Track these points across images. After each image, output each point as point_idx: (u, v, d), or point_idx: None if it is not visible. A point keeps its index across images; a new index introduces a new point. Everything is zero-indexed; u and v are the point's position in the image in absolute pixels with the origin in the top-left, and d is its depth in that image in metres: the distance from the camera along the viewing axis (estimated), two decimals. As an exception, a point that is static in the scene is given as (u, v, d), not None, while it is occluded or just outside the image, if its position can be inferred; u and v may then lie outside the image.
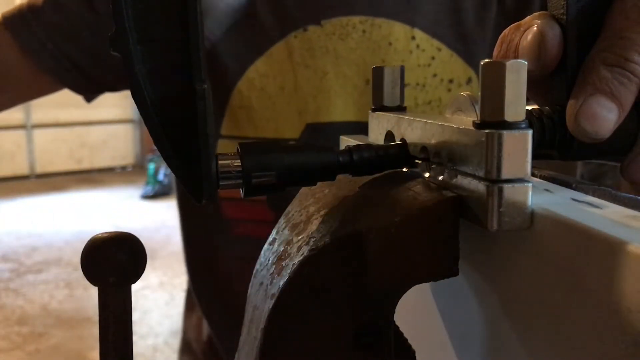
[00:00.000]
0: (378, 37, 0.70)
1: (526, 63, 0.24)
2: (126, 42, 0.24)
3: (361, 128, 0.69)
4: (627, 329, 0.20)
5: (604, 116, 0.29)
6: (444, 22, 0.70)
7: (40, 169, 6.30)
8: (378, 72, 0.37)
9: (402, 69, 0.37)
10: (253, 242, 0.71)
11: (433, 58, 0.70)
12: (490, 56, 0.71)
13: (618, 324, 0.20)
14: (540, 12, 0.32)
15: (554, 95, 0.32)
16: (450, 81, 0.71)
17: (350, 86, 0.70)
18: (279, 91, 0.72)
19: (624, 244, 0.20)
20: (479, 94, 0.25)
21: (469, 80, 0.71)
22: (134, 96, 0.25)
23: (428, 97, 0.71)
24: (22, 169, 6.20)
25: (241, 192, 0.29)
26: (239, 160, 0.28)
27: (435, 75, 0.71)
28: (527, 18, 0.32)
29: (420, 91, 0.70)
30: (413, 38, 0.70)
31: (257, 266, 0.34)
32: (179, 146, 0.26)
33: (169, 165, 0.27)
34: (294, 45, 0.71)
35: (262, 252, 0.34)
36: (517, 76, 0.24)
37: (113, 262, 0.28)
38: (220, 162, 0.28)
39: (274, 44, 0.71)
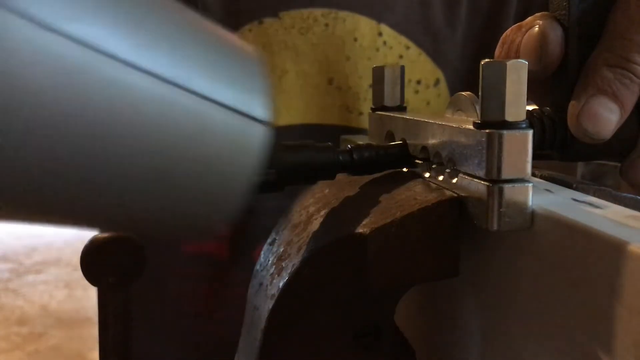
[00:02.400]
0: (342, 32, 0.64)
1: (527, 63, 0.24)
2: None
3: (323, 131, 0.65)
4: (627, 329, 0.20)
5: (606, 117, 0.29)
6: (412, 18, 0.65)
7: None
8: (378, 72, 0.37)
9: (402, 68, 0.37)
10: (204, 260, 0.66)
11: (401, 56, 0.65)
12: (459, 57, 0.70)
13: (618, 324, 0.20)
14: (542, 12, 0.32)
15: (554, 95, 0.32)
16: (418, 82, 0.66)
17: (311, 86, 0.65)
18: None
19: (625, 244, 0.20)
20: (479, 94, 0.25)
21: (437, 82, 0.67)
22: None
23: None
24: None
25: None
26: None
27: None
28: (529, 18, 0.32)
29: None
30: (380, 34, 0.64)
31: (257, 266, 0.34)
32: None
33: None
34: (248, 39, 0.64)
35: (262, 252, 0.34)
36: (517, 76, 0.24)
37: (113, 262, 0.28)
38: None
39: None
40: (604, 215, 0.23)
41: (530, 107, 0.32)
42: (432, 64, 0.66)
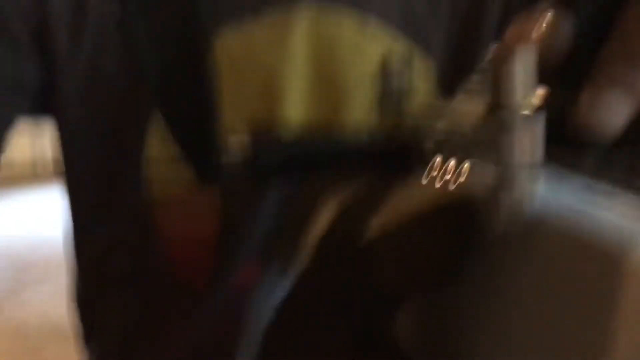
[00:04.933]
0: (325, 26, 0.64)
1: (535, 50, 0.24)
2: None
3: (314, 128, 0.66)
4: (628, 331, 0.20)
5: (617, 109, 0.29)
6: (397, 8, 0.65)
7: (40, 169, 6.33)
8: (383, 72, 0.38)
9: (405, 70, 0.37)
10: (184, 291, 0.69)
11: (387, 48, 0.64)
12: (448, 48, 0.70)
13: (619, 326, 0.20)
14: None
15: (564, 85, 0.32)
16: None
17: (297, 82, 0.65)
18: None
19: (625, 245, 0.20)
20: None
21: (428, 71, 0.65)
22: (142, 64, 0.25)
23: None
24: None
25: (247, 171, 0.29)
26: (246, 140, 0.28)
27: None
28: (541, 5, 0.32)
29: (374, 86, 0.67)
30: (364, 26, 0.65)
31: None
32: (189, 125, 0.26)
33: (178, 142, 0.26)
34: (228, 40, 0.64)
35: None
36: (526, 63, 0.24)
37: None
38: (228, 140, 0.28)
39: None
40: (605, 216, 0.23)
41: (537, 96, 0.31)
42: (421, 54, 0.67)
